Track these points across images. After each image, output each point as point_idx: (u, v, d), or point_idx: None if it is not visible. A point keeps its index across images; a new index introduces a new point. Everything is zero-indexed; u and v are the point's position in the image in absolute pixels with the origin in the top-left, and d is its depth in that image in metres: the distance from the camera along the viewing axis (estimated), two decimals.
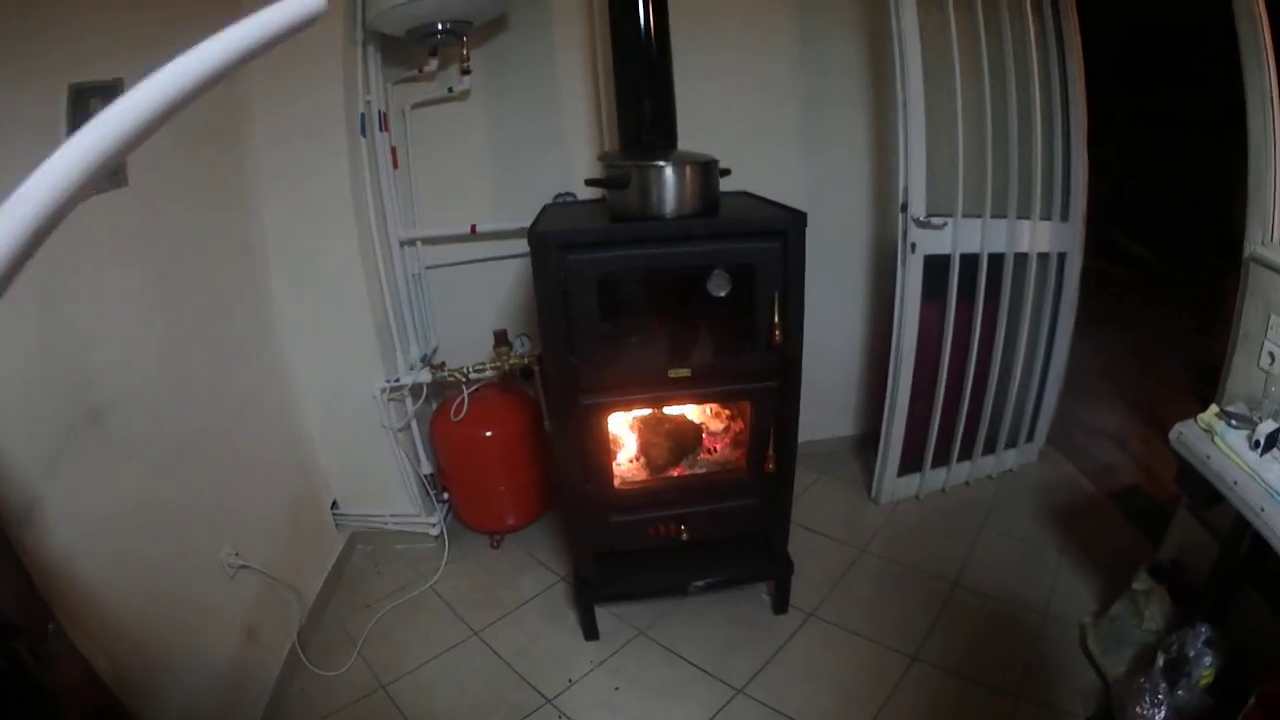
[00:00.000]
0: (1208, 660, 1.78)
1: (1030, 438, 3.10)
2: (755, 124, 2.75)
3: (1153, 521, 2.67)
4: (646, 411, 2.37)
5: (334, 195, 2.46)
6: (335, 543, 2.82)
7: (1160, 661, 1.84)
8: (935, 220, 2.51)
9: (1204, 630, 1.81)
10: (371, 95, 2.49)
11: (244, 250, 2.41)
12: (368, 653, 2.43)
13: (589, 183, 2.08)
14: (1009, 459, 3.08)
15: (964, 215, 2.58)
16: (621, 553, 2.34)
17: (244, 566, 2.16)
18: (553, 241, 1.85)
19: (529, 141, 2.76)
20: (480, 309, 2.97)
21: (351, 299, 2.56)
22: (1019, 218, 2.68)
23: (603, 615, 2.45)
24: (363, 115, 2.46)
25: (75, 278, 1.68)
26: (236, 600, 2.17)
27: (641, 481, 2.34)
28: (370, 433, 2.72)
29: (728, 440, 2.47)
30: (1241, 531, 1.80)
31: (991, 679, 2.18)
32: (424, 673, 2.35)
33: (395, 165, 2.66)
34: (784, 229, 1.92)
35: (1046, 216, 2.73)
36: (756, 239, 1.94)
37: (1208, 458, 1.76)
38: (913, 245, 2.52)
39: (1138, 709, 1.81)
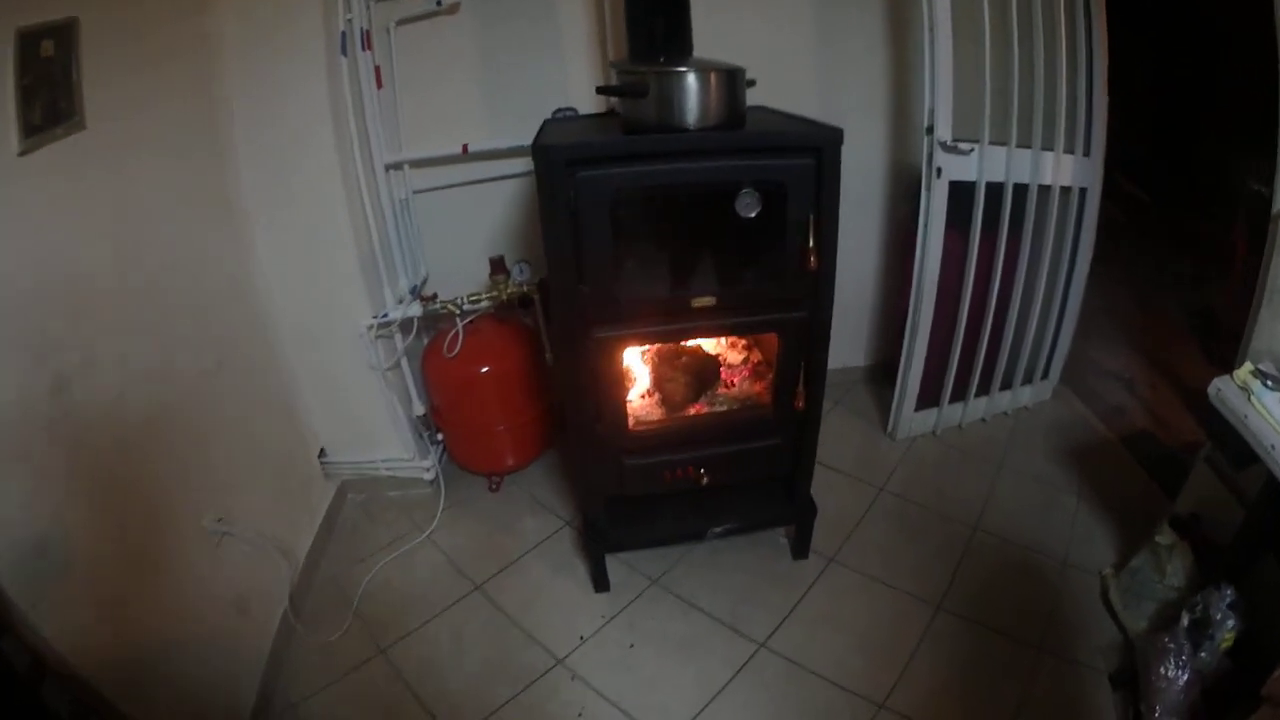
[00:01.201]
0: (1230, 624, 1.68)
1: (1046, 374, 2.93)
2: (769, 45, 2.44)
3: (1165, 470, 2.55)
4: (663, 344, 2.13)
5: (314, 121, 2.16)
6: (324, 493, 2.56)
7: (1185, 621, 1.74)
8: (963, 145, 2.28)
9: (1229, 593, 1.71)
10: (353, 13, 2.17)
11: (216, 185, 2.12)
12: (365, 613, 2.20)
13: (602, 90, 1.79)
14: (1024, 396, 2.91)
15: (989, 143, 2.35)
16: (634, 498, 2.11)
17: (228, 534, 1.91)
18: (560, 156, 1.59)
19: (524, 55, 2.45)
20: (473, 235, 2.68)
21: (333, 230, 2.27)
22: (1043, 149, 2.46)
23: (613, 564, 2.24)
24: (343, 34, 2.14)
25: (26, 223, 1.42)
26: (224, 569, 1.93)
27: (657, 421, 2.10)
28: (357, 373, 2.44)
29: (746, 372, 2.24)
30: (1272, 496, 1.65)
31: (1014, 630, 2.03)
32: (425, 633, 2.12)
33: (379, 85, 2.34)
34: (819, 145, 1.67)
35: (1070, 150, 2.51)
36: (789, 155, 1.69)
37: (1245, 418, 1.65)
38: (938, 170, 2.30)
39: (1162, 669, 1.70)
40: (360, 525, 2.55)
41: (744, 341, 2.31)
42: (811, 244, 1.73)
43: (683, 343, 2.16)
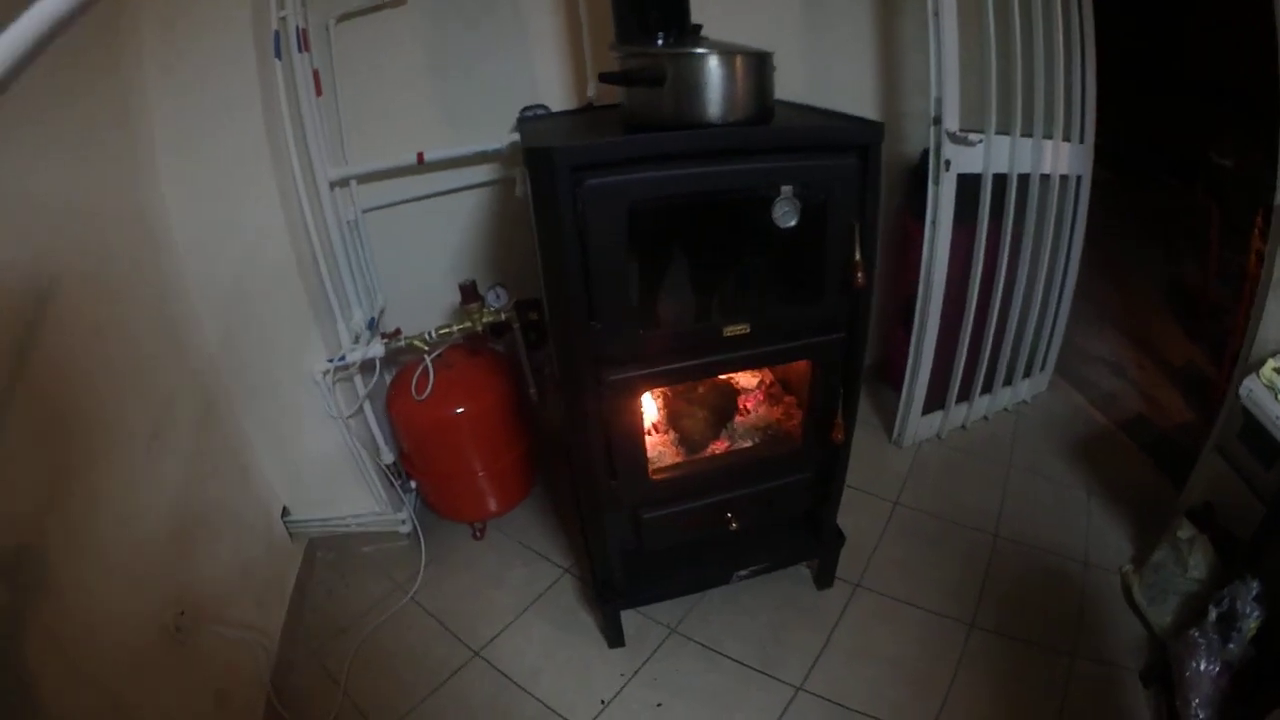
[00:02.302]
0: (1255, 614, 1.64)
1: (1043, 366, 2.78)
2: (751, 29, 2.13)
3: (1166, 456, 2.47)
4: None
5: (246, 138, 1.76)
6: (292, 557, 2.19)
7: (1213, 615, 1.69)
8: (972, 136, 2.08)
9: (1255, 585, 1.65)
10: (287, 10, 1.78)
11: (138, 224, 1.71)
12: (355, 691, 1.87)
13: (606, 78, 1.43)
14: (1024, 389, 2.76)
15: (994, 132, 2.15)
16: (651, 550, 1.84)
17: (191, 628, 1.58)
18: (563, 161, 1.25)
19: (482, 48, 2.09)
20: (434, 255, 2.34)
21: (275, 262, 1.88)
22: (1044, 137, 2.27)
23: (625, 614, 1.95)
24: (276, 34, 1.75)
25: None
26: (195, 666, 1.60)
27: (677, 465, 1.81)
28: (315, 422, 2.06)
29: (761, 395, 1.98)
30: None
31: (1046, 639, 1.90)
32: (426, 712, 1.81)
33: (319, 92, 1.95)
34: (863, 142, 1.40)
35: (1067, 137, 2.35)
36: (829, 154, 1.41)
37: (1277, 419, 1.66)
38: (947, 162, 2.08)
39: (1195, 664, 1.64)
40: (336, 589, 2.18)
41: None
42: (858, 256, 1.48)
43: (714, 378, 1.88)
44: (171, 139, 1.75)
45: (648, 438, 1.84)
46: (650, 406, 1.90)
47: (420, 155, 2.07)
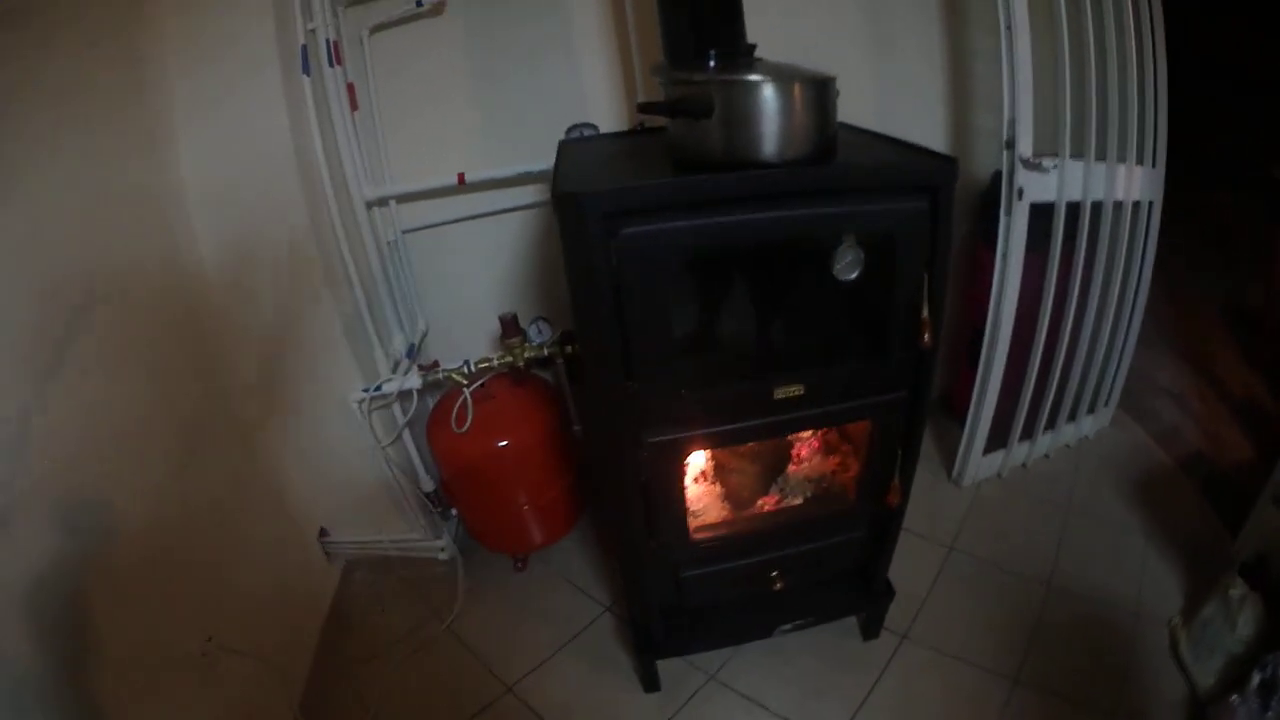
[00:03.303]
0: None
1: (1108, 401, 2.57)
2: (821, 46, 1.91)
3: (1222, 496, 2.26)
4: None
5: (275, 157, 1.67)
6: (328, 578, 2.14)
7: (1255, 681, 1.56)
8: (1046, 162, 1.87)
9: None
10: (315, 22, 1.66)
11: (168, 245, 1.65)
12: None
13: (645, 109, 1.26)
14: (1086, 425, 2.54)
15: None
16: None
17: (220, 653, 1.53)
18: (594, 208, 1.10)
19: (527, 61, 1.95)
20: (476, 278, 2.21)
21: (309, 287, 1.81)
22: (1118, 161, 2.05)
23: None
24: (304, 48, 1.64)
25: None
26: (223, 691, 1.55)
27: (721, 523, 1.66)
28: (352, 448, 1.99)
29: (816, 444, 1.82)
30: None
31: (1088, 697, 1.75)
32: None
33: (354, 107, 1.84)
34: (935, 183, 1.22)
35: (1140, 161, 2.11)
36: (896, 197, 1.22)
37: None
38: (1020, 191, 1.88)
39: None
40: (371, 614, 2.11)
41: None
42: (926, 312, 1.31)
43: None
44: (197, 160, 1.68)
45: (693, 486, 1.71)
46: (697, 456, 1.75)
47: (461, 176, 1.95)
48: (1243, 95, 3.47)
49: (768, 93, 1.16)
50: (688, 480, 1.66)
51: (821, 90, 1.21)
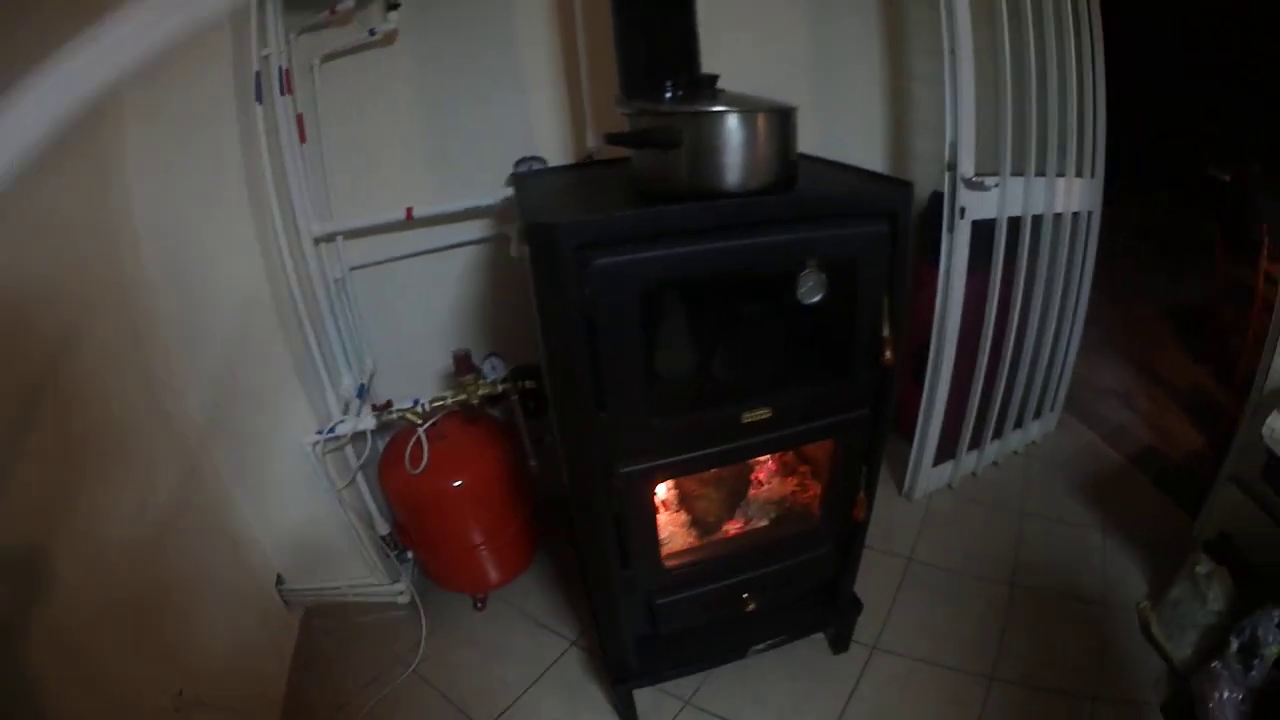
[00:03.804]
0: (1277, 640, 1.63)
1: (1053, 406, 2.73)
2: (765, 70, 1.99)
3: (1178, 487, 2.44)
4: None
5: (225, 187, 1.66)
6: (289, 626, 2.10)
7: (1234, 646, 1.69)
8: (988, 181, 1.99)
9: (1276, 614, 1.65)
10: (270, 48, 1.66)
11: (117, 291, 1.61)
12: None
13: (615, 140, 1.31)
14: (1033, 431, 2.70)
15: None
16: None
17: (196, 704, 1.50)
18: (568, 239, 1.14)
19: (475, 95, 1.97)
20: (423, 316, 2.22)
21: (260, 326, 1.79)
22: (1057, 175, 2.21)
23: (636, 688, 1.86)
24: (258, 74, 1.63)
25: None
26: None
27: (692, 549, 1.73)
28: (305, 492, 1.97)
29: (774, 466, 1.90)
30: None
31: (1067, 684, 1.86)
32: None
33: (303, 138, 1.84)
34: (892, 208, 1.31)
35: (1079, 173, 2.28)
36: (858, 222, 1.31)
37: None
38: (961, 210, 2.00)
39: (1219, 694, 1.65)
40: (335, 660, 2.07)
41: None
42: (886, 331, 1.38)
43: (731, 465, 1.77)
44: (150, 195, 1.65)
45: (659, 515, 1.75)
46: (660, 487, 1.79)
47: (409, 211, 1.96)
48: (1179, 101, 3.76)
49: (735, 124, 1.23)
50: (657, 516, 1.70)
51: (785, 120, 1.29)
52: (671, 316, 1.40)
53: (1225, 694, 1.62)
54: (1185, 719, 1.73)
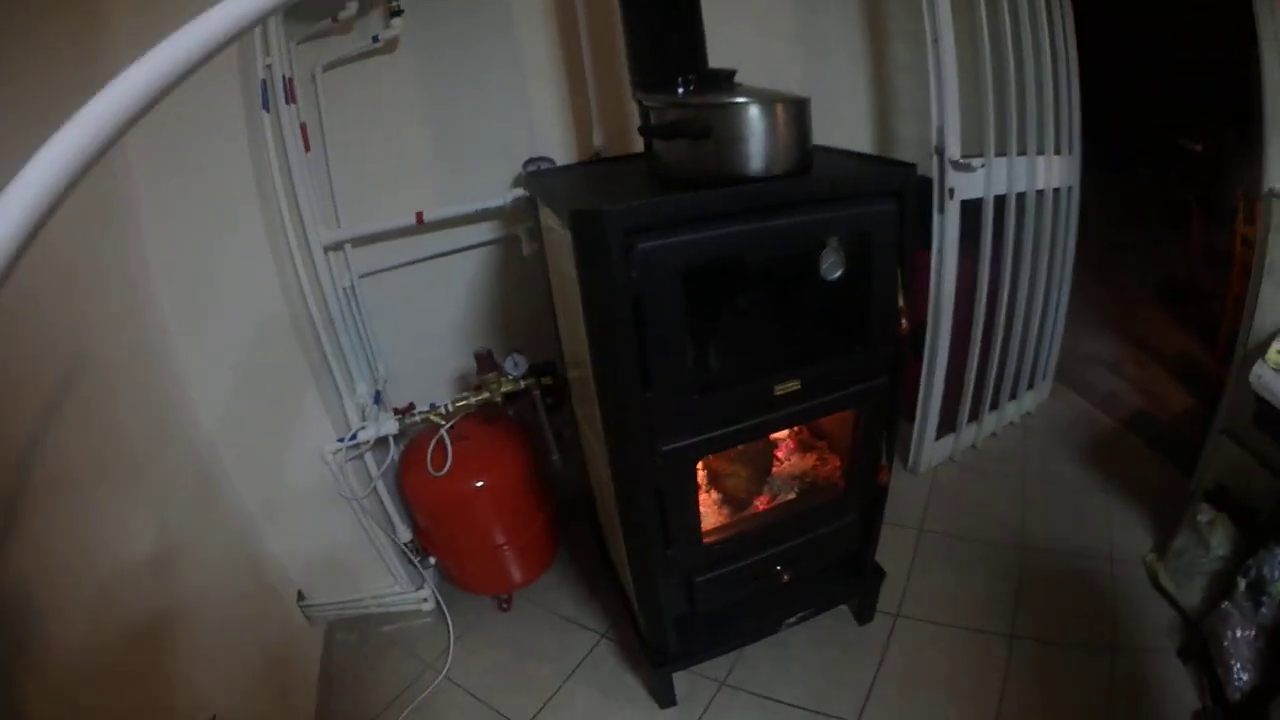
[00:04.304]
0: (1279, 576, 1.75)
1: (1045, 376, 2.90)
2: (759, 56, 2.14)
3: (1172, 447, 2.62)
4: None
5: (237, 200, 1.74)
6: (313, 642, 2.13)
7: (1241, 586, 1.81)
8: (974, 162, 2.14)
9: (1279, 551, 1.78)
10: (273, 57, 1.72)
11: (133, 318, 1.66)
12: None
13: (648, 133, 1.44)
14: (1028, 401, 2.88)
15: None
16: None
17: None
18: (615, 224, 1.23)
19: (479, 97, 2.05)
20: (434, 320, 2.27)
21: (274, 337, 1.85)
22: (1037, 153, 2.38)
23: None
24: (263, 83, 1.70)
25: None
26: None
27: (726, 526, 1.81)
28: (325, 502, 2.02)
29: (792, 444, 2.01)
30: None
31: (1085, 637, 2.01)
32: None
33: (307, 147, 1.89)
34: (900, 187, 1.45)
35: (1058, 150, 2.46)
36: (870, 201, 1.44)
37: None
38: (951, 190, 2.15)
39: (1231, 633, 1.78)
40: (361, 674, 2.12)
41: None
42: (901, 302, 1.50)
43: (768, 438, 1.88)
44: (158, 206, 1.71)
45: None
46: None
47: (419, 215, 2.03)
48: (1148, 78, 3.96)
49: (760, 114, 1.34)
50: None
51: (801, 110, 1.42)
52: (709, 296, 1.50)
53: (1238, 632, 1.75)
54: (1203, 661, 1.85)
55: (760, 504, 1.88)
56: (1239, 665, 1.73)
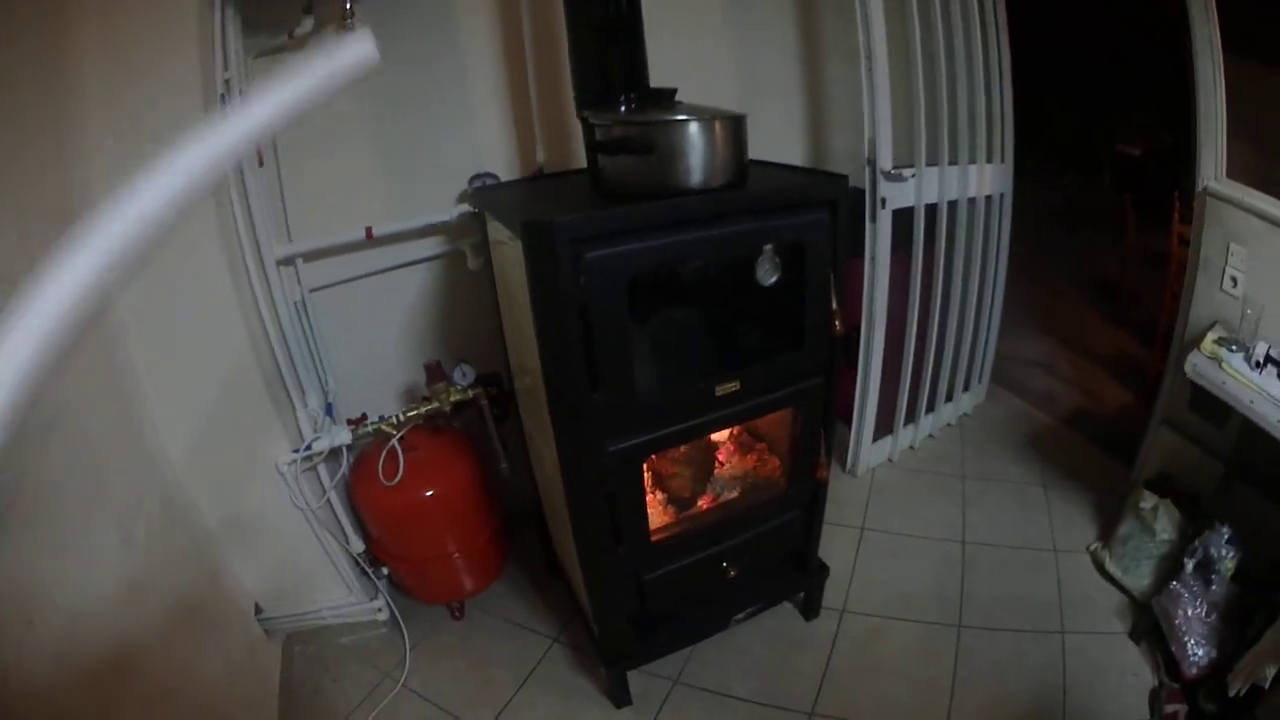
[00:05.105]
0: (1232, 554, 1.95)
1: (981, 378, 3.12)
2: (692, 71, 2.32)
3: (1110, 440, 2.87)
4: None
5: (193, 217, 1.79)
6: (272, 655, 2.20)
7: (1189, 566, 2.00)
8: (905, 172, 2.34)
9: (1225, 530, 1.96)
10: (231, 71, 1.83)
11: (93, 332, 1.71)
12: None
13: (598, 148, 1.58)
14: (964, 403, 3.09)
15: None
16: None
17: None
18: (564, 235, 1.37)
19: (428, 116, 2.19)
20: (382, 334, 2.39)
21: (230, 349, 1.93)
22: (969, 162, 2.60)
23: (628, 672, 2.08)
24: (222, 97, 1.80)
25: None
26: None
27: (672, 525, 1.96)
28: (278, 514, 2.11)
29: (732, 446, 2.17)
30: (1246, 443, 2.01)
31: (1034, 624, 2.18)
32: None
33: (260, 162, 2.00)
34: (834, 197, 1.63)
35: (989, 159, 2.68)
36: (804, 211, 1.61)
37: (1223, 383, 1.90)
38: (883, 200, 2.35)
39: (1183, 611, 1.94)
40: (322, 685, 2.20)
41: None
42: (834, 305, 1.67)
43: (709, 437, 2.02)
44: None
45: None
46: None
47: (369, 230, 2.15)
48: (1084, 87, 4.23)
49: (700, 130, 1.51)
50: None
51: (738, 126, 1.60)
52: (652, 302, 1.64)
53: (1189, 610, 1.93)
54: (1154, 640, 2.04)
55: (704, 503, 2.04)
56: (1193, 641, 1.90)
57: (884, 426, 2.82)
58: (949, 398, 3.00)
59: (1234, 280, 2.08)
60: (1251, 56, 2.01)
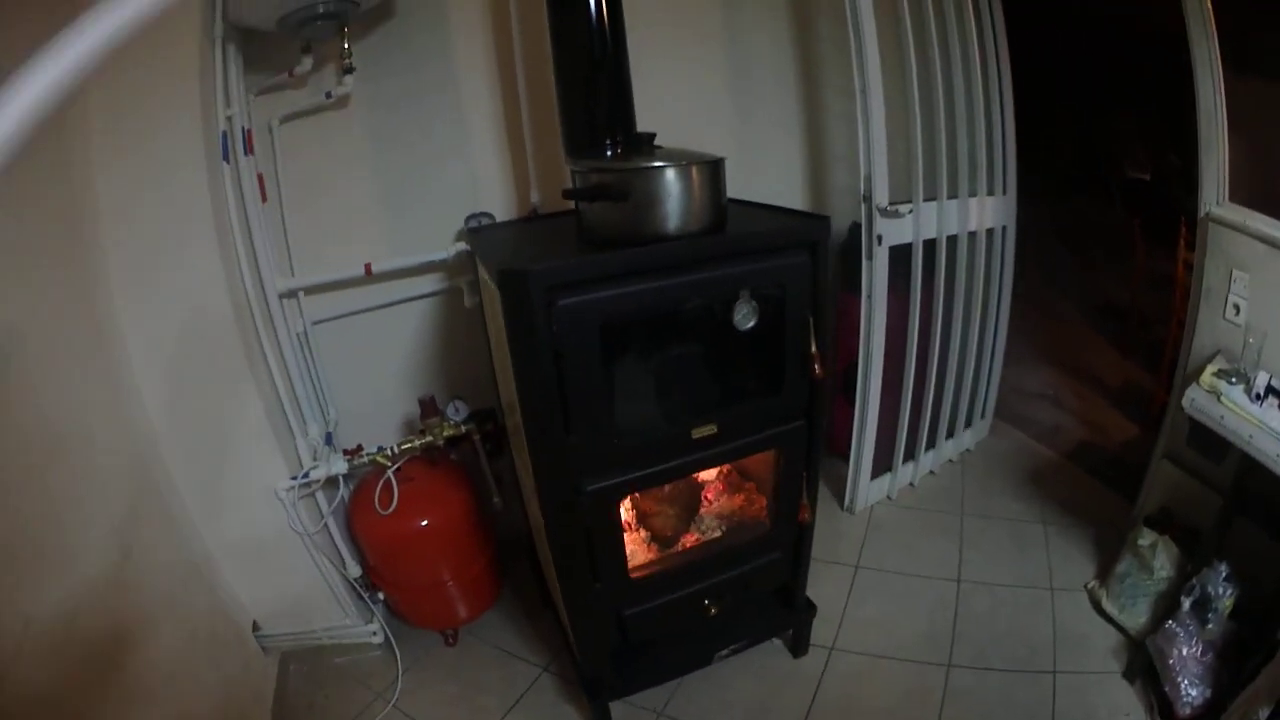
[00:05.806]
0: (1229, 592, 1.95)
1: (983, 414, 3.16)
2: (689, 114, 2.44)
3: (1113, 474, 2.89)
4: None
5: (199, 247, 1.95)
6: (267, 671, 2.34)
7: (1186, 605, 2.01)
8: (902, 208, 2.40)
9: (1223, 568, 1.97)
10: (233, 109, 1.97)
11: (95, 343, 1.86)
12: None
13: (569, 195, 1.69)
14: (966, 439, 3.14)
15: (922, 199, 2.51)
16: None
17: None
18: (538, 282, 1.46)
19: (426, 155, 2.33)
20: (381, 367, 2.53)
21: (234, 379, 2.07)
22: (969, 195, 2.66)
23: (613, 703, 2.15)
24: (224, 135, 1.95)
25: None
26: None
27: (654, 562, 2.06)
28: (278, 537, 2.24)
29: (721, 485, 2.25)
30: (1246, 477, 2.00)
31: (1026, 663, 2.21)
32: None
33: (264, 198, 2.14)
34: (813, 239, 1.71)
35: (991, 192, 2.73)
36: (783, 254, 1.69)
37: (1221, 418, 1.92)
38: (879, 237, 2.42)
39: (1178, 650, 1.95)
40: (316, 702, 2.33)
41: None
42: (814, 348, 1.74)
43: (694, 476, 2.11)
44: (125, 255, 1.91)
45: (628, 541, 2.08)
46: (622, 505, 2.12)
47: (368, 266, 2.29)
48: (1091, 112, 4.23)
49: (674, 176, 1.59)
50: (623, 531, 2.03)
51: (715, 170, 1.68)
52: (626, 347, 1.73)
53: (1185, 650, 1.94)
54: (1150, 679, 2.06)
55: (688, 541, 2.12)
56: (1187, 682, 1.92)
57: (883, 464, 2.88)
58: (950, 434, 3.05)
59: (1236, 308, 2.10)
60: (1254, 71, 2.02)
